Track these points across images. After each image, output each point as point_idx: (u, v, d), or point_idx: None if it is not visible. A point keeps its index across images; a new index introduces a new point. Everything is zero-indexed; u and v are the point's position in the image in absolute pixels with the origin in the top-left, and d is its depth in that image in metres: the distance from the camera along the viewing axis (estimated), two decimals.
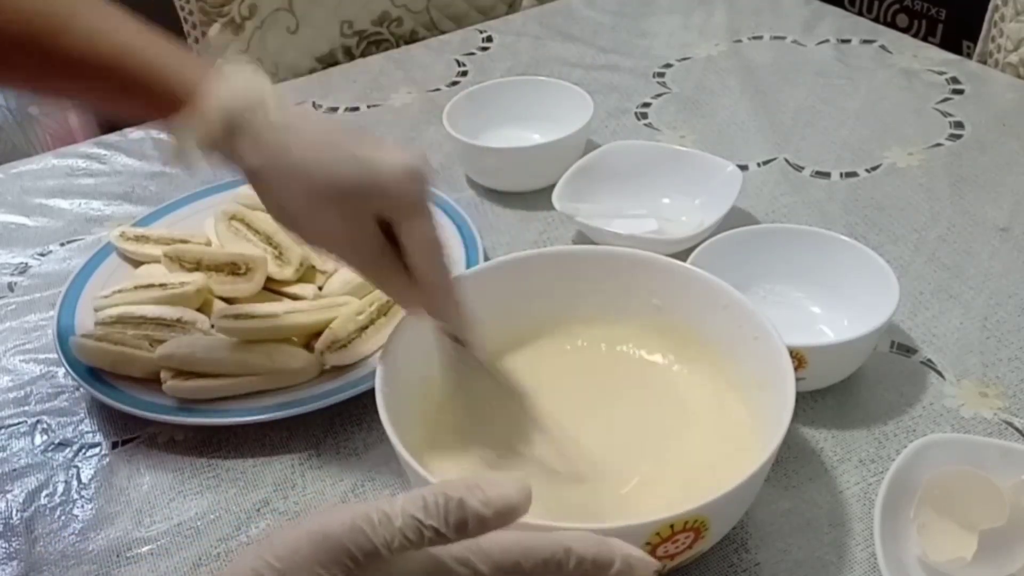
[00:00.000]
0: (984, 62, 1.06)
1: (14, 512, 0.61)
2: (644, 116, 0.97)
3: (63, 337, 0.68)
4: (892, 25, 1.31)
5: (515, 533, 0.37)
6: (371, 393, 0.53)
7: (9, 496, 0.62)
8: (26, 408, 0.68)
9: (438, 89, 1.05)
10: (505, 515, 0.36)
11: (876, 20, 1.29)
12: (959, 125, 0.91)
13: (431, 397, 0.59)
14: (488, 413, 0.59)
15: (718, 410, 0.58)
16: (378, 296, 0.68)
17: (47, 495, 0.62)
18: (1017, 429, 0.61)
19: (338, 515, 0.36)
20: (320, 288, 0.72)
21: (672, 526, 0.45)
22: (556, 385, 0.61)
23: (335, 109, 1.04)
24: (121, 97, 0.56)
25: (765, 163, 0.88)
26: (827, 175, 0.86)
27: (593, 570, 0.38)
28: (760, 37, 1.10)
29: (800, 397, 0.63)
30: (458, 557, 0.37)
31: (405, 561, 0.36)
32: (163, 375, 0.65)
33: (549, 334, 0.64)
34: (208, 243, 0.77)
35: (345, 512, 0.36)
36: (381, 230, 0.53)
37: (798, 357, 0.59)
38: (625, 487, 0.54)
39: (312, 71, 1.19)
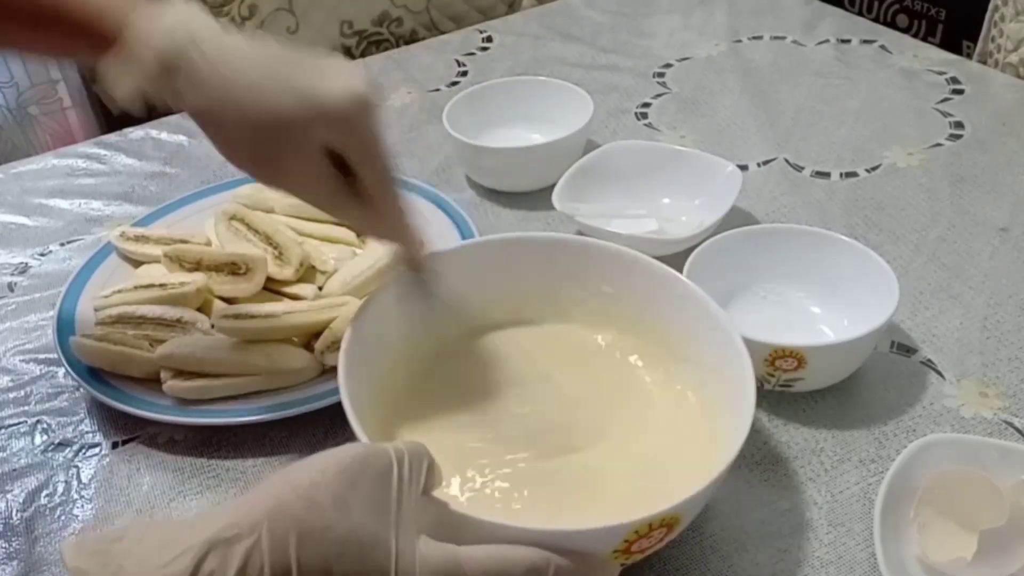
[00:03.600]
0: (984, 62, 1.06)
1: (14, 512, 0.61)
2: (644, 116, 0.97)
3: (63, 337, 0.68)
4: (892, 25, 1.31)
5: (501, 546, 0.43)
6: None
7: (9, 496, 0.62)
8: (26, 408, 0.68)
9: (438, 89, 1.05)
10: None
11: (876, 20, 1.29)
12: (959, 125, 0.91)
13: (398, 372, 0.59)
14: (457, 388, 0.60)
15: (676, 400, 0.59)
16: None
17: (47, 495, 0.62)
18: (1017, 429, 0.61)
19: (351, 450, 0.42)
20: (320, 288, 0.72)
21: (650, 524, 0.45)
22: (509, 372, 0.61)
23: None
24: (58, 37, 0.55)
25: (765, 163, 0.88)
26: (827, 175, 0.86)
27: (571, 572, 0.43)
28: (760, 37, 1.10)
29: (800, 397, 0.63)
30: (453, 559, 0.41)
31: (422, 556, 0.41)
32: (163, 375, 0.65)
33: (499, 322, 0.64)
34: (208, 243, 0.77)
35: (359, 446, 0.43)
36: (329, 158, 0.52)
37: (798, 357, 0.59)
38: (586, 476, 0.55)
39: None
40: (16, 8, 0.54)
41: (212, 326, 0.68)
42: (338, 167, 0.53)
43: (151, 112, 1.07)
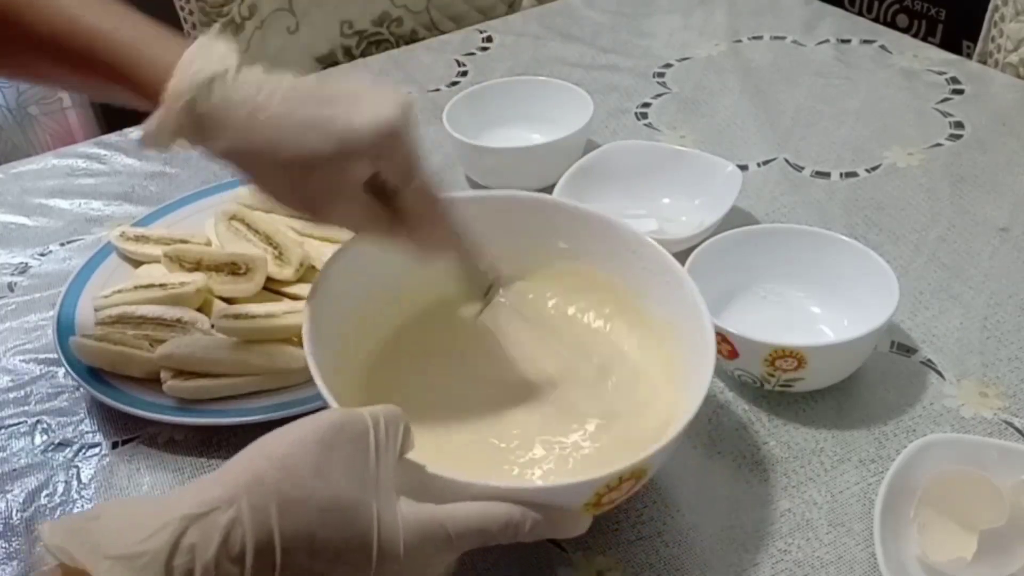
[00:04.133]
0: (984, 62, 1.06)
1: (14, 512, 0.61)
2: (644, 116, 0.97)
3: (63, 337, 0.68)
4: (892, 25, 1.31)
5: (479, 503, 0.44)
6: None
7: (9, 496, 0.62)
8: (26, 408, 0.68)
9: (438, 89, 1.05)
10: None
11: (876, 20, 1.29)
12: (959, 125, 0.91)
13: (368, 343, 0.60)
14: (422, 357, 0.61)
15: (638, 354, 0.60)
16: None
17: (47, 495, 0.62)
18: (1017, 429, 0.61)
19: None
20: None
21: (620, 477, 0.47)
22: (473, 338, 0.62)
23: None
24: (97, 82, 0.55)
25: (765, 163, 0.88)
26: (827, 175, 0.86)
27: (546, 525, 0.45)
28: (760, 37, 1.10)
29: (800, 397, 0.63)
30: (434, 518, 0.43)
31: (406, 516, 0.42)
32: (163, 375, 0.65)
33: (444, 281, 0.63)
34: (208, 243, 0.77)
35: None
36: (369, 186, 0.52)
37: (798, 357, 0.59)
38: (554, 436, 0.56)
39: (312, 71, 1.19)
40: (67, 50, 0.53)
41: (212, 326, 0.68)
42: (379, 194, 0.53)
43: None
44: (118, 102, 0.56)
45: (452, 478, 0.45)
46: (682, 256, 0.66)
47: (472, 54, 1.12)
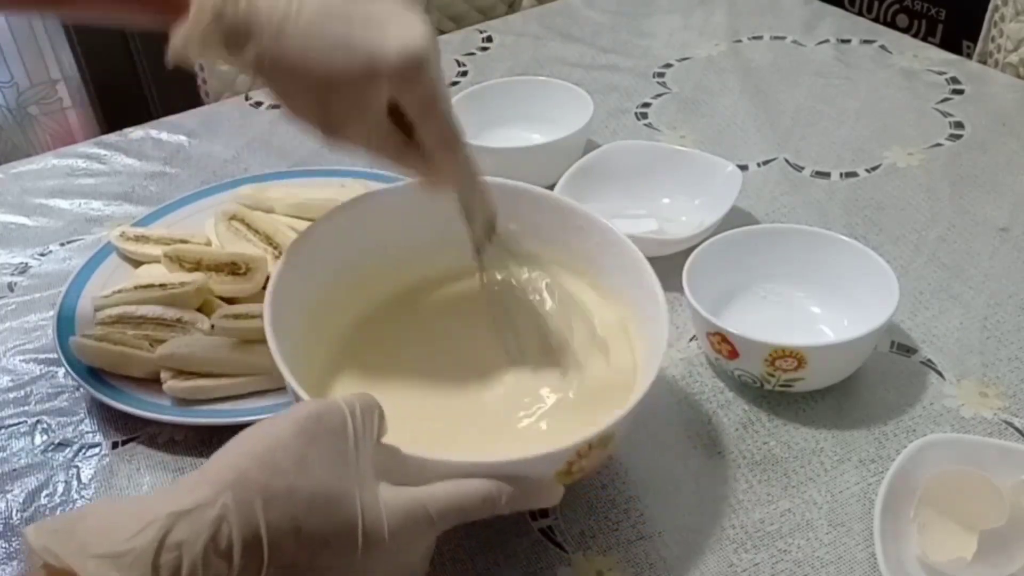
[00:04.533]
0: (984, 62, 1.06)
1: (14, 512, 0.61)
2: (644, 116, 0.97)
3: (63, 337, 0.68)
4: (892, 25, 1.31)
5: (455, 481, 0.45)
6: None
7: (9, 496, 0.62)
8: (26, 408, 0.68)
9: None
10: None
11: (876, 20, 1.29)
12: (959, 125, 0.91)
13: (325, 333, 0.60)
14: (384, 345, 0.61)
15: (594, 328, 0.60)
16: None
17: (47, 495, 0.62)
18: (1017, 429, 0.61)
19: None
20: None
21: (589, 444, 0.48)
22: (432, 323, 0.63)
23: None
24: (124, 3, 0.55)
25: (765, 163, 0.88)
26: (827, 175, 0.86)
27: (521, 497, 0.46)
28: (760, 37, 1.10)
29: (800, 397, 0.63)
30: (415, 500, 0.43)
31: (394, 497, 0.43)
32: (163, 375, 0.65)
33: (410, 266, 0.64)
34: (208, 243, 0.77)
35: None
36: (391, 113, 0.52)
37: (798, 357, 0.59)
38: (520, 410, 0.57)
39: None
40: None
41: (212, 326, 0.68)
42: (400, 122, 0.53)
43: (150, 110, 1.07)
44: (138, 25, 0.55)
45: (426, 457, 0.46)
46: (682, 256, 0.66)
47: (472, 54, 1.12)
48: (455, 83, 1.06)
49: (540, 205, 0.63)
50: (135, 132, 1.01)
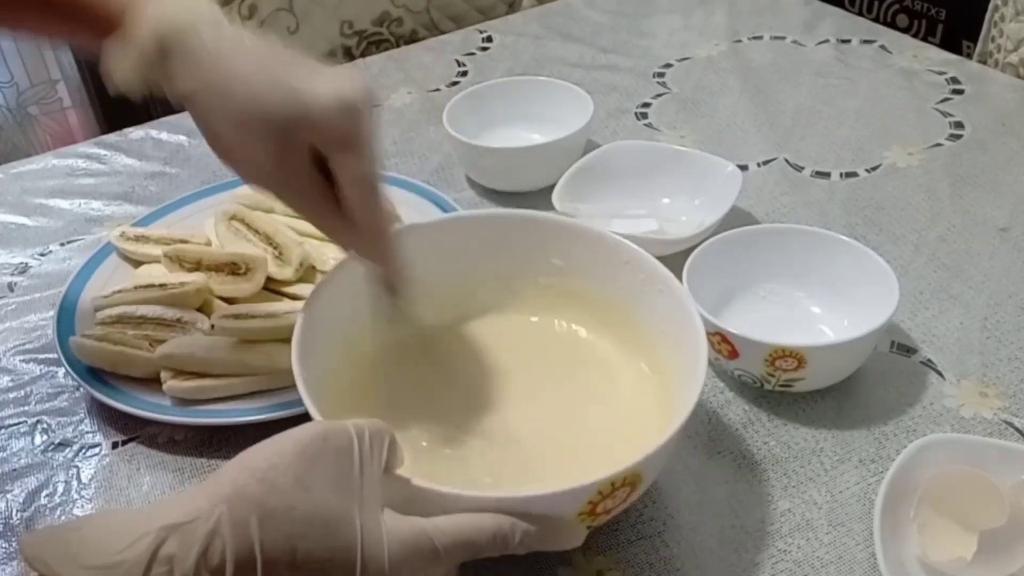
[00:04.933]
0: (984, 62, 1.06)
1: (14, 512, 0.61)
2: (644, 116, 0.97)
3: (63, 337, 0.68)
4: (892, 25, 1.31)
5: (466, 515, 0.43)
6: None
7: (9, 496, 0.62)
8: (26, 408, 0.68)
9: (438, 89, 1.05)
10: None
11: (876, 20, 1.29)
12: (959, 125, 0.91)
13: (355, 358, 0.60)
14: (407, 383, 0.60)
15: (629, 369, 0.60)
16: None
17: (47, 495, 0.62)
18: (1017, 429, 0.61)
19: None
20: None
21: (613, 483, 0.46)
22: (462, 361, 0.62)
23: None
24: (64, 20, 0.54)
25: (765, 163, 0.88)
26: (827, 175, 0.86)
27: (539, 536, 0.44)
28: (760, 37, 1.10)
29: (800, 397, 0.63)
30: (421, 531, 0.42)
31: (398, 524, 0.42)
32: (163, 375, 0.65)
33: (452, 300, 0.64)
34: (208, 243, 0.77)
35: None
36: (316, 165, 0.51)
37: (798, 357, 0.59)
38: (544, 455, 0.56)
39: None
40: None
41: (212, 326, 0.68)
42: (326, 175, 0.52)
43: (150, 110, 1.07)
44: (71, 43, 0.55)
45: (437, 490, 0.44)
46: (682, 256, 0.66)
47: (472, 54, 1.12)
48: (455, 83, 1.06)
49: (584, 240, 0.61)
50: (135, 132, 1.01)
